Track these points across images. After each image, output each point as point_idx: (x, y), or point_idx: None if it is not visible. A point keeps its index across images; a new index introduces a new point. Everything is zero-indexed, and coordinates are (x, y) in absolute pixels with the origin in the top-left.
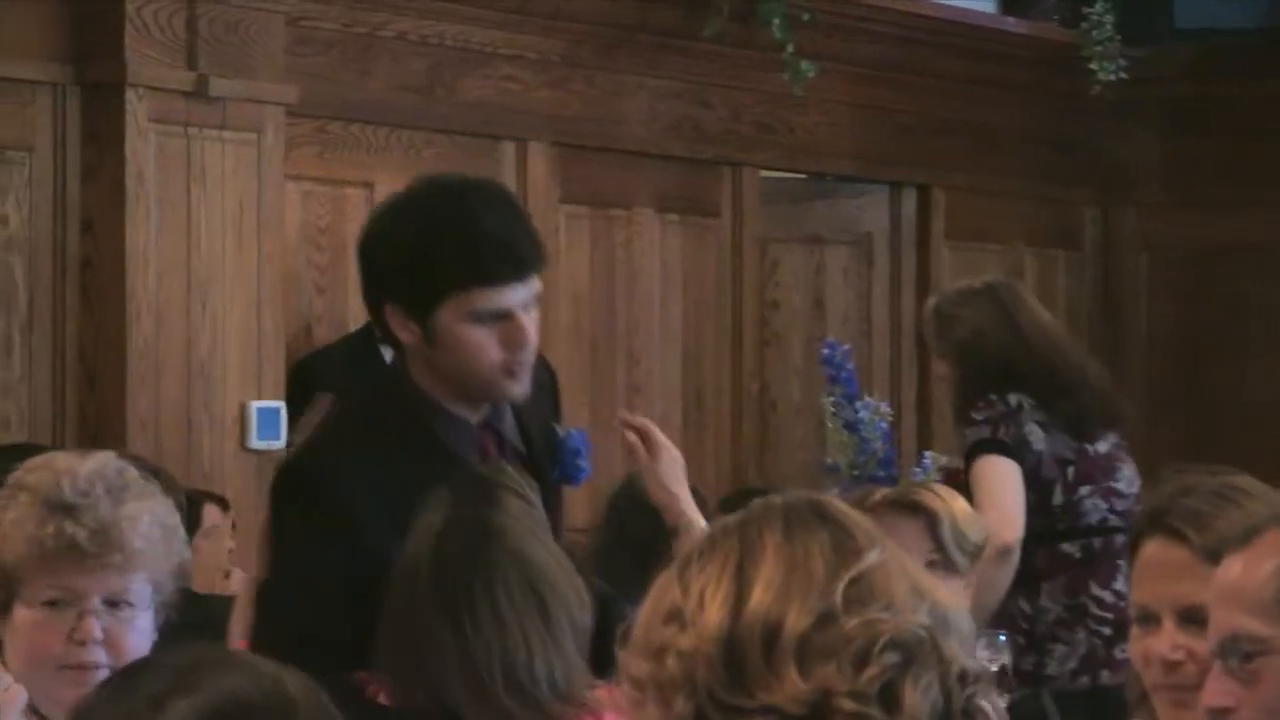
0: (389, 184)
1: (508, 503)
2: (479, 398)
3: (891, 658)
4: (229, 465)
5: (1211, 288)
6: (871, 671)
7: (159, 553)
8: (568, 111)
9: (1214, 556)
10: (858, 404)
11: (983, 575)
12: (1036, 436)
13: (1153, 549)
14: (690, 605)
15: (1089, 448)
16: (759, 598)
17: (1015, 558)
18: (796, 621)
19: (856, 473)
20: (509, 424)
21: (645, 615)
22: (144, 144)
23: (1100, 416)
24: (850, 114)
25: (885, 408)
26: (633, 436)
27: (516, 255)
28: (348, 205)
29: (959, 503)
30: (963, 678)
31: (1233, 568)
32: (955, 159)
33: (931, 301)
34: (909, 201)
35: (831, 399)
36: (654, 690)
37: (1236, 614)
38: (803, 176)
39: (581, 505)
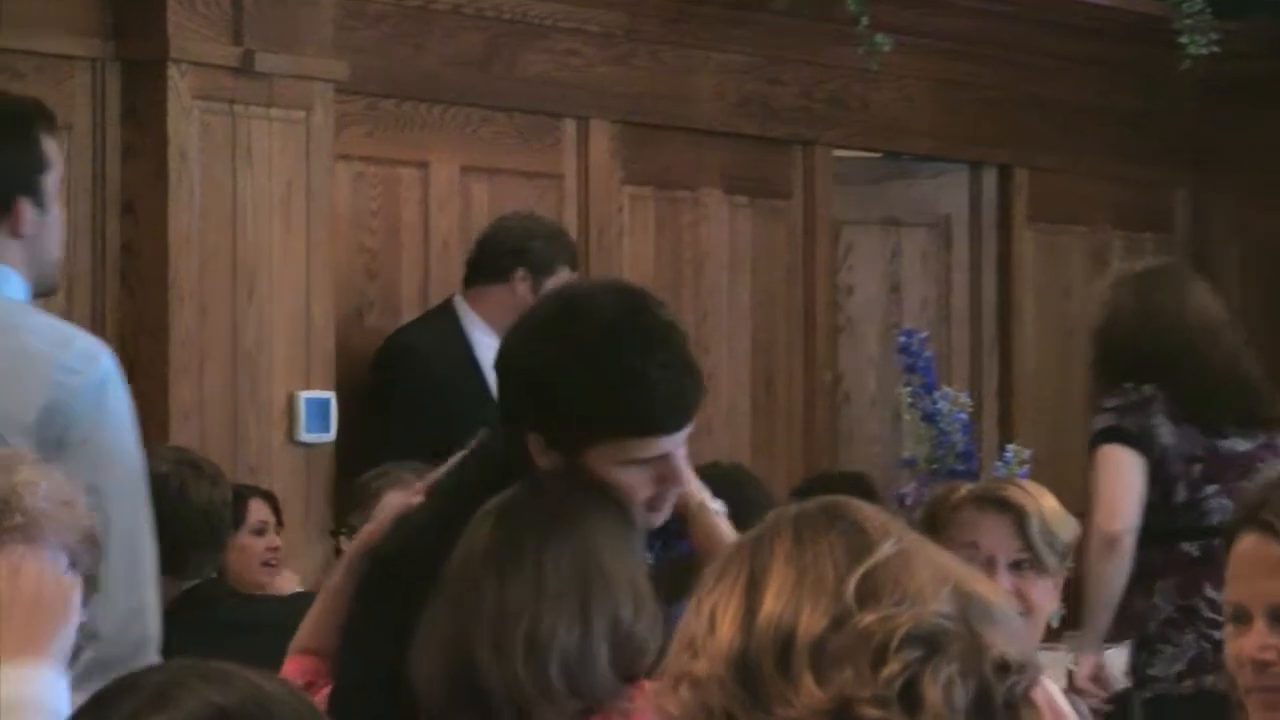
0: (444, 163)
1: (597, 498)
2: None
3: (911, 652)
4: (276, 459)
5: None
6: (891, 669)
7: (63, 517)
8: (632, 88)
9: None
10: (936, 394)
11: (1091, 568)
12: (1165, 430)
13: (1247, 545)
14: (702, 629)
15: (1222, 445)
16: (769, 608)
17: (1124, 549)
18: (810, 626)
19: (934, 466)
20: None
21: (673, 645)
22: (187, 122)
23: (1244, 414)
24: (928, 90)
25: (965, 398)
26: None
27: (683, 407)
28: (400, 186)
29: (1048, 499)
30: (1003, 667)
31: None
32: (1039, 137)
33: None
34: (990, 182)
35: (908, 389)
36: None
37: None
38: (878, 156)
39: None
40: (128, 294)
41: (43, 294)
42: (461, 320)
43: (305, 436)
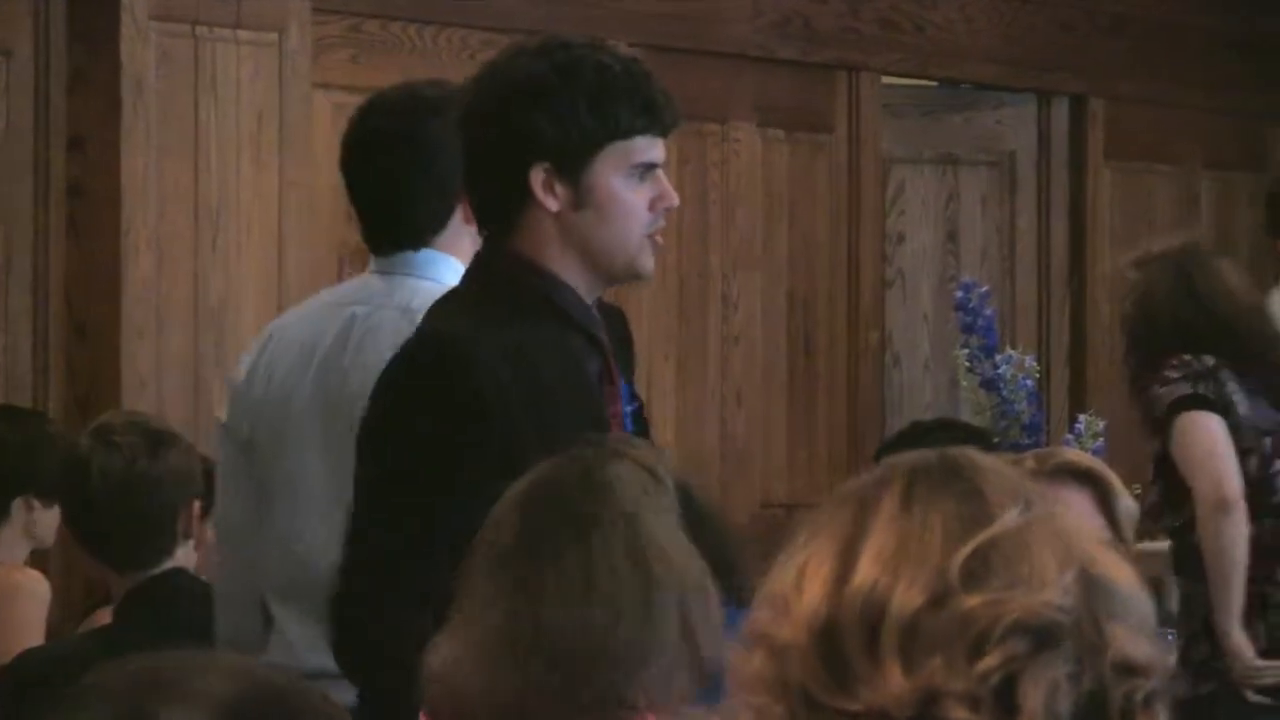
0: None
1: (626, 465)
2: (613, 271)
3: (1016, 645)
4: None
5: None
6: (989, 662)
7: None
8: (653, 6)
9: None
10: (998, 357)
11: (1210, 541)
12: (1240, 399)
13: None
14: (789, 587)
15: None
16: (863, 575)
17: (1242, 512)
18: (904, 602)
19: (997, 440)
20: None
21: (756, 600)
22: (143, 47)
23: None
24: (991, 9)
25: (1031, 362)
26: None
27: (674, 102)
28: None
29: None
30: (1124, 669)
31: None
32: (1118, 64)
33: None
34: (1061, 114)
35: (966, 351)
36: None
37: None
38: (934, 84)
39: None
40: (75, 243)
41: None
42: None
43: None
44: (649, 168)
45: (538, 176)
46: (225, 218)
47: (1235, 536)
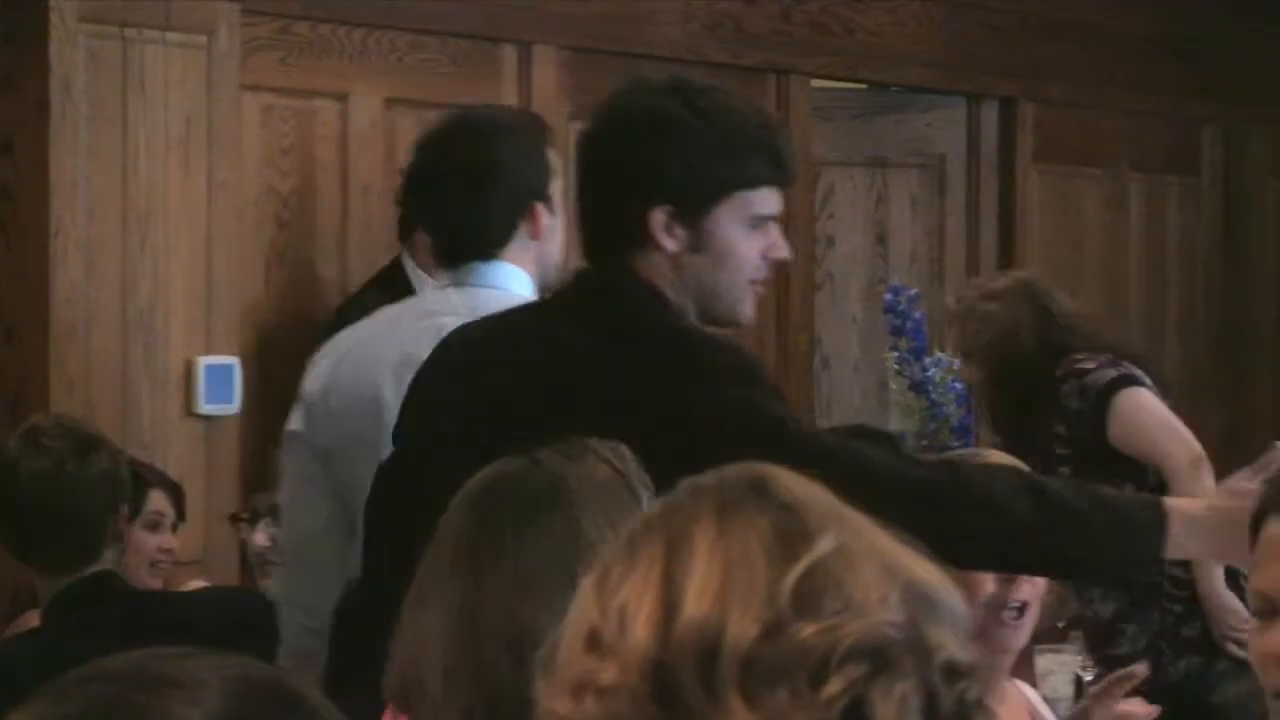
0: (365, 95)
1: (597, 470)
2: (715, 314)
3: (857, 668)
4: (172, 433)
5: None
6: (833, 688)
7: None
8: (583, 8)
9: None
10: (927, 360)
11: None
12: (1149, 383)
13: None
14: (611, 627)
15: None
16: (691, 609)
17: (1209, 468)
18: (738, 635)
19: (925, 443)
20: None
21: (565, 638)
22: (71, 49)
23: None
24: (921, 12)
25: (960, 365)
26: None
27: (797, 158)
28: (316, 121)
29: None
30: (950, 672)
31: None
32: (1047, 67)
33: (953, 300)
34: (990, 117)
35: (895, 354)
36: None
37: None
38: (864, 87)
39: None
40: (3, 244)
41: (545, 290)
42: (412, 281)
43: (205, 408)
44: (766, 218)
45: (658, 217)
46: (154, 220)
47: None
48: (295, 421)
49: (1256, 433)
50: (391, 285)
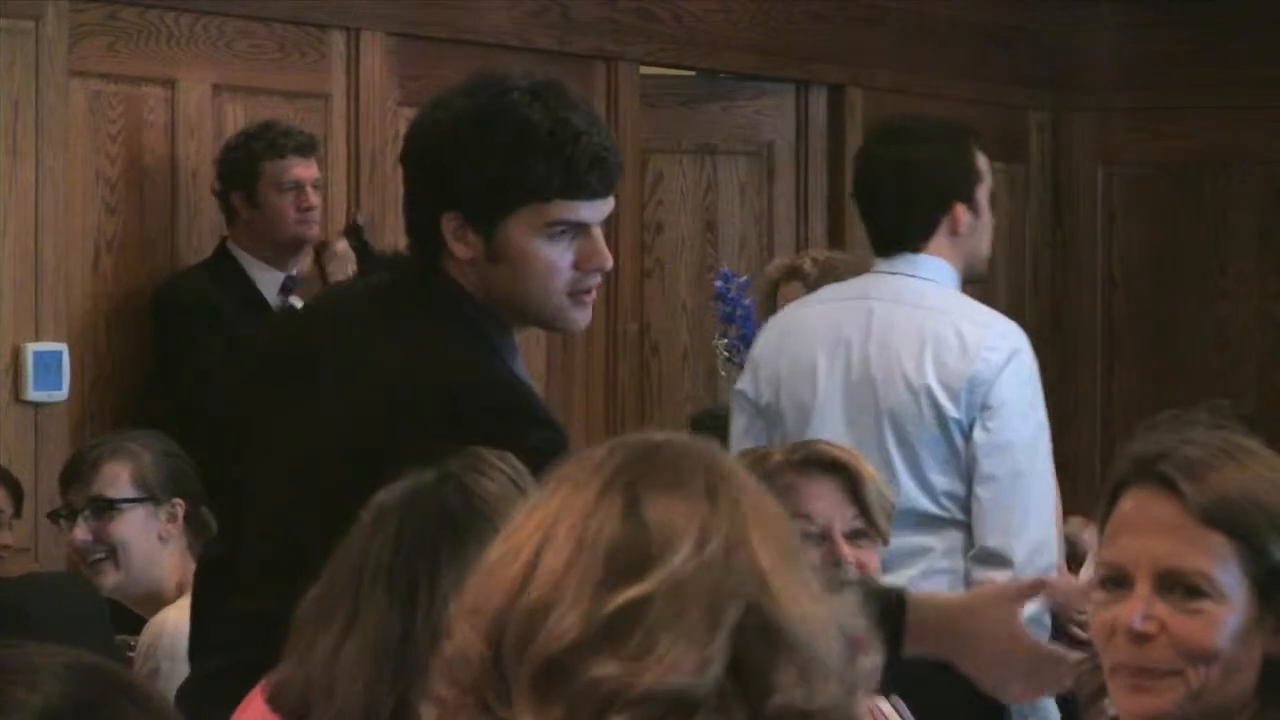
0: (193, 82)
1: (501, 482)
2: (537, 323)
3: (643, 713)
4: (1, 419)
5: (1181, 208)
6: None
7: None
8: None
9: (1207, 516)
10: None
11: None
12: None
13: (1137, 500)
14: (505, 561)
15: None
16: (540, 579)
17: None
18: (556, 632)
19: None
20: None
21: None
22: None
23: None
24: None
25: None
26: None
27: (608, 165)
28: (144, 107)
29: (868, 466)
30: (792, 714)
31: None
32: (876, 53)
33: (820, 255)
34: (819, 104)
35: (725, 341)
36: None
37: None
38: (691, 74)
39: None
40: None
41: (970, 282)
42: (240, 263)
43: (34, 394)
44: (575, 226)
45: (449, 224)
46: None
47: None
48: (742, 381)
49: (1082, 421)
50: (219, 268)
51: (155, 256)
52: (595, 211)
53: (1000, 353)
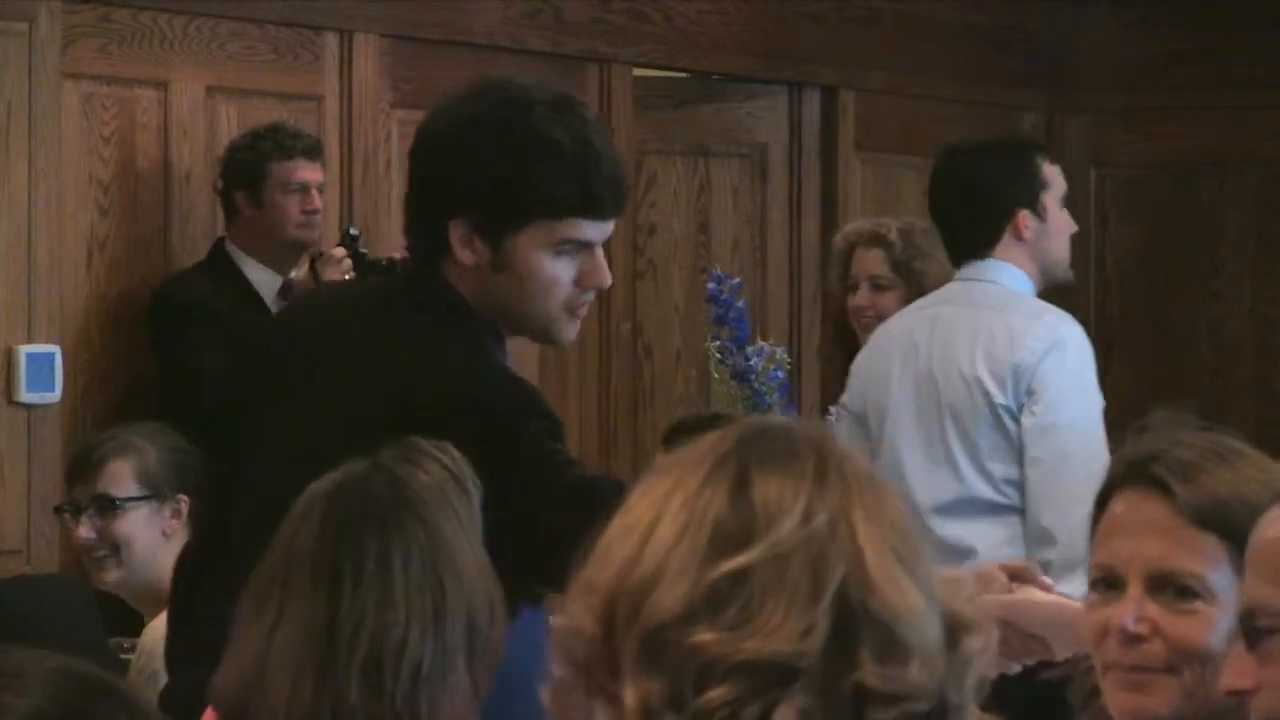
0: (186, 83)
1: (435, 473)
2: (529, 334)
3: (741, 684)
4: None
5: (1174, 210)
6: (713, 696)
7: None
8: None
9: (1199, 518)
10: (749, 349)
11: None
12: None
13: (1130, 502)
14: (618, 540)
15: None
16: (650, 553)
17: None
18: (661, 604)
19: None
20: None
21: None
22: None
23: None
24: (742, 0)
25: (782, 354)
26: None
27: (621, 189)
28: (137, 109)
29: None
30: (867, 696)
31: (1264, 529)
32: (869, 55)
33: (899, 223)
34: (812, 106)
35: (717, 343)
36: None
37: (1255, 582)
38: (684, 75)
39: None
40: None
41: (1049, 286)
42: (236, 263)
43: (26, 396)
44: (582, 244)
45: (457, 230)
46: None
47: None
48: (845, 394)
49: None
50: (213, 268)
51: (148, 258)
52: (602, 232)
53: (1043, 340)
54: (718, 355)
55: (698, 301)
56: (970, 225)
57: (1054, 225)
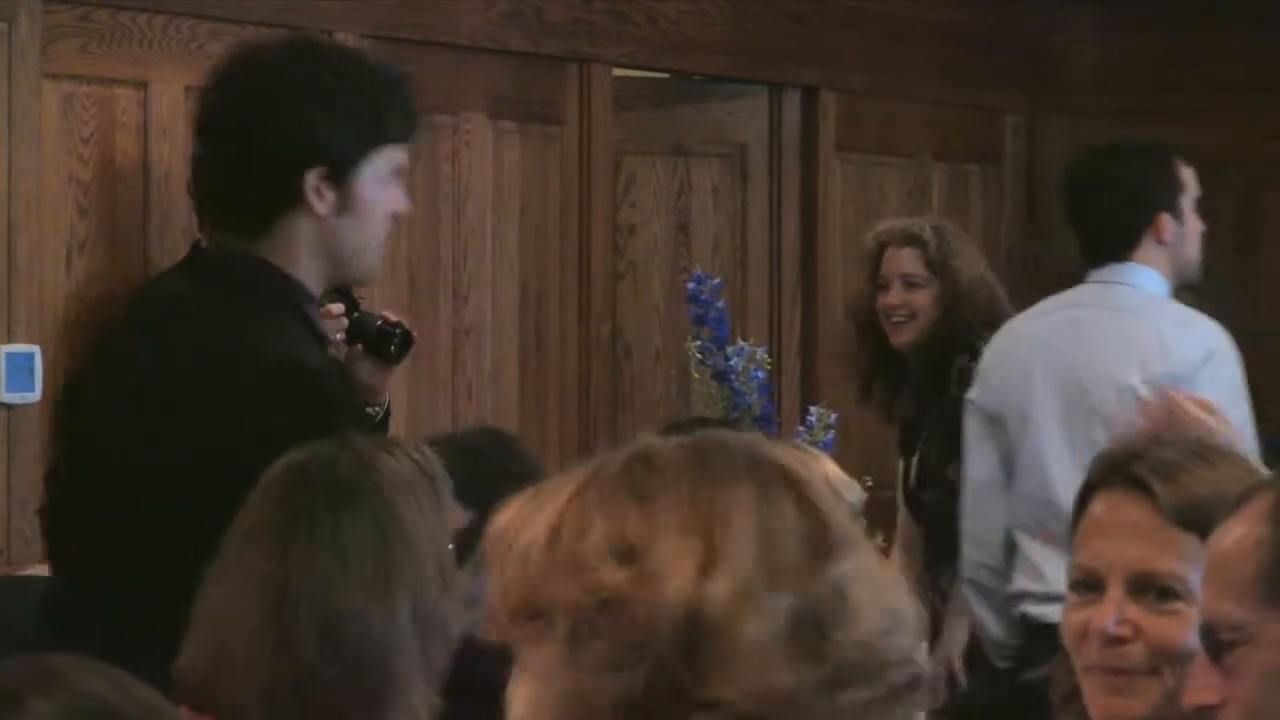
0: (166, 84)
1: (403, 461)
2: (352, 276)
3: (866, 690)
4: None
5: None
6: (853, 695)
7: None
8: None
9: (1180, 518)
10: (729, 349)
11: None
12: None
13: (1110, 503)
14: (654, 558)
15: None
16: (723, 585)
17: None
18: (755, 630)
19: None
20: None
21: (573, 531)
22: None
23: None
24: (722, 1)
25: (762, 354)
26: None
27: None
28: (117, 109)
29: (829, 465)
30: (893, 691)
31: (1219, 540)
32: (849, 56)
33: (931, 222)
34: (792, 106)
35: (698, 343)
36: (589, 634)
37: (1214, 595)
38: (665, 76)
39: None
40: None
41: (1182, 286)
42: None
43: (6, 396)
44: (399, 171)
45: (310, 180)
46: None
47: None
48: (973, 391)
49: None
50: (189, 268)
51: (128, 258)
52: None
53: (1198, 351)
54: (698, 355)
55: (678, 302)
56: (1113, 227)
57: (1190, 228)
